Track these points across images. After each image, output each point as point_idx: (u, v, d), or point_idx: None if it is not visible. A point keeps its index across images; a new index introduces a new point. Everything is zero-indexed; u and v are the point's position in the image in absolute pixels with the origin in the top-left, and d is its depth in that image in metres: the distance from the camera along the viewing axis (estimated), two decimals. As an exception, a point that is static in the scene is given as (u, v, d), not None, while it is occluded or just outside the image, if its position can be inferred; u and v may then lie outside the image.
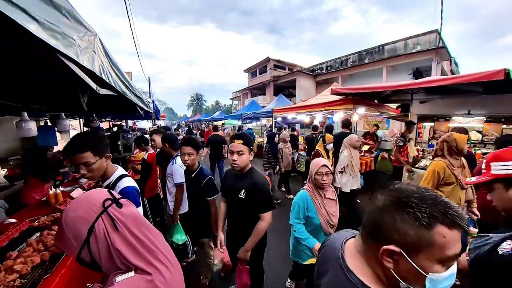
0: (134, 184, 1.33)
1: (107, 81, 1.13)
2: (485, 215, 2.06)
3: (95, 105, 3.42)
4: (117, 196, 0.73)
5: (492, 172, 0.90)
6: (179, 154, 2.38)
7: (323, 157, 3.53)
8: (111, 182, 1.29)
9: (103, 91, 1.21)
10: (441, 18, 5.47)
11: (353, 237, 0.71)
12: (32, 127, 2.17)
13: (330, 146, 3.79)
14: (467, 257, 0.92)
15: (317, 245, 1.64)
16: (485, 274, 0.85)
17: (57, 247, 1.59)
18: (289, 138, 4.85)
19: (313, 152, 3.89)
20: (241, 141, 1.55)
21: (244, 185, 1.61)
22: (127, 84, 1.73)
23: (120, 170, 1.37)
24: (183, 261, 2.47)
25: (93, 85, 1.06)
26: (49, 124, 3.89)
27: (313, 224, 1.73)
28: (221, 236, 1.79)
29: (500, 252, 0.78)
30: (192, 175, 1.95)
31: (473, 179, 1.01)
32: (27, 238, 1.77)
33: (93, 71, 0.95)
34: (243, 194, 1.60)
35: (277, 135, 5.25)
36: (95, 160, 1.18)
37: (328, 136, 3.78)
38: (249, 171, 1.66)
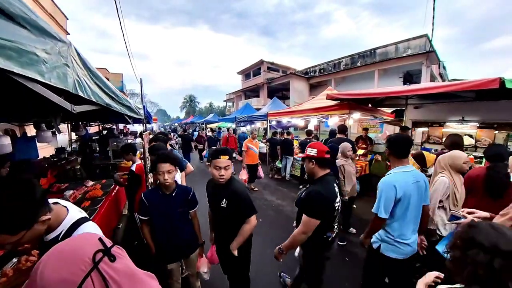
0: (98, 230, 1.03)
1: (85, 96, 0.99)
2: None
3: (81, 113, 3.21)
4: (109, 243, 0.60)
5: (306, 153, 1.71)
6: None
7: None
8: (62, 232, 0.95)
9: (79, 108, 1.06)
10: (433, 24, 5.54)
11: None
12: (5, 143, 1.92)
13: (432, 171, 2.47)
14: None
15: None
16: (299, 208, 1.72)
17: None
18: (351, 151, 3.35)
19: None
20: (227, 157, 1.62)
21: (224, 194, 1.68)
22: (112, 95, 1.59)
23: (73, 213, 1.01)
24: None
25: (66, 104, 0.92)
26: (40, 128, 3.58)
27: None
28: (212, 235, 1.99)
29: (301, 196, 1.68)
30: (173, 194, 1.77)
31: (300, 154, 2.10)
32: (3, 266, 1.60)
33: (65, 89, 0.81)
34: (224, 203, 1.67)
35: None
36: (17, 238, 0.79)
37: (429, 157, 2.39)
38: (229, 180, 1.70)
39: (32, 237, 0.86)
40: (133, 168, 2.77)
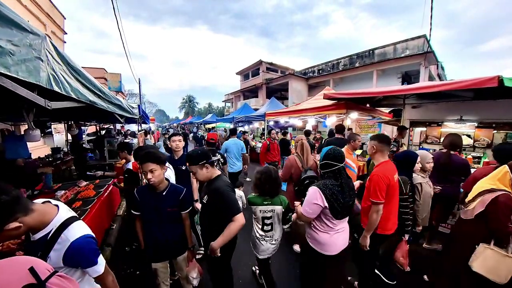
0: (87, 230, 1.02)
1: (62, 92, 0.94)
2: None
3: (75, 112, 3.15)
4: (45, 272, 0.48)
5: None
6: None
7: None
8: (51, 231, 0.93)
9: (56, 105, 1.00)
10: (431, 24, 5.51)
11: None
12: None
13: None
14: None
15: None
16: None
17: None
18: (431, 163, 2.42)
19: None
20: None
21: (206, 190, 1.70)
22: (98, 92, 1.54)
23: (63, 213, 1.00)
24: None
25: (39, 100, 0.87)
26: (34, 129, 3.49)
27: None
28: None
29: None
30: (164, 193, 1.73)
31: None
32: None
33: (36, 83, 0.77)
34: (205, 199, 1.68)
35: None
36: None
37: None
38: (215, 178, 1.69)
39: (6, 239, 0.84)
40: (130, 166, 2.77)
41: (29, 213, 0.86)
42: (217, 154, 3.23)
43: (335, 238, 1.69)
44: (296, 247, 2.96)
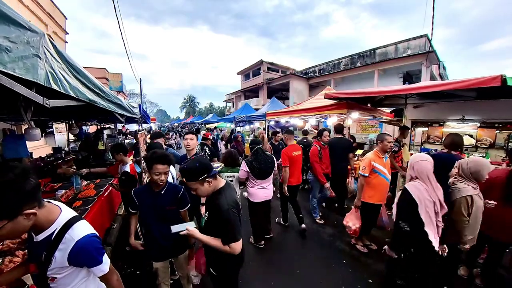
0: (92, 229, 1.02)
1: (61, 90, 0.93)
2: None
3: (73, 110, 3.14)
4: None
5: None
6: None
7: None
8: (55, 231, 0.93)
9: (55, 103, 1.00)
10: (433, 23, 5.47)
11: None
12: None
13: None
14: None
15: None
16: None
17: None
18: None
19: None
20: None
21: (208, 205, 1.47)
22: (98, 91, 1.53)
23: (66, 212, 0.99)
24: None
25: (37, 97, 0.86)
26: (33, 128, 3.50)
27: None
28: None
29: None
30: (162, 192, 1.75)
31: None
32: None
33: (34, 81, 0.76)
34: (206, 216, 1.49)
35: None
36: (1, 224, 0.76)
37: None
38: (218, 191, 1.42)
39: (14, 231, 0.82)
40: (127, 169, 2.72)
41: (42, 206, 0.89)
42: (205, 148, 3.44)
43: (258, 191, 2.93)
44: None
